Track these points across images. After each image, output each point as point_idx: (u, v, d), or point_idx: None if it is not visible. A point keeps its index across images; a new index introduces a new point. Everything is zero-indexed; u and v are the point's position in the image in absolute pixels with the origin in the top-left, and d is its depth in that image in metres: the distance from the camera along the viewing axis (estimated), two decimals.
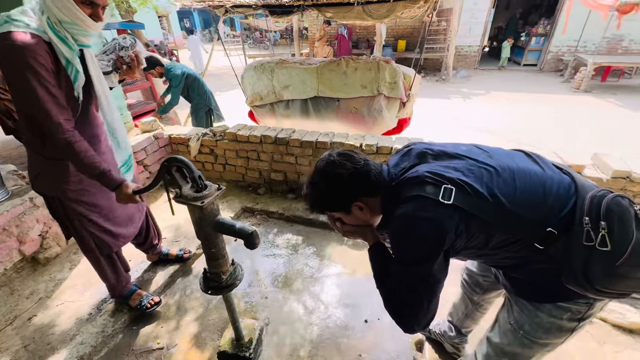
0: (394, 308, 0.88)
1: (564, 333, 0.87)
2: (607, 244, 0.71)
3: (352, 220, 0.96)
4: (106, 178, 1.23)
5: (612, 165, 1.91)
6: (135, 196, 1.29)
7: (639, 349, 1.55)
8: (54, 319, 1.72)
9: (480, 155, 0.87)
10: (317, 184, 0.92)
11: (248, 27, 18.35)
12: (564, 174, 0.84)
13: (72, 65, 1.15)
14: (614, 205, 0.73)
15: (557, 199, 0.78)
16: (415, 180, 0.82)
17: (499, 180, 0.79)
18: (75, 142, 1.14)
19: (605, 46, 8.77)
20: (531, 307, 0.88)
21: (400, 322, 0.87)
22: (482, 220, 0.77)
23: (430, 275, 0.80)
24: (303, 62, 3.28)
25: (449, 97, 7.43)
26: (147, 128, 2.82)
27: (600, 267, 0.72)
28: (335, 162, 0.89)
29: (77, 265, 2.07)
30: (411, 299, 0.83)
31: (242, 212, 2.66)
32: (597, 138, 4.79)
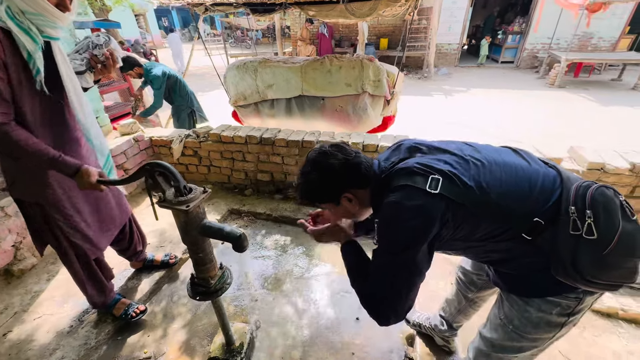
0: (372, 301, 0.89)
1: (553, 328, 0.88)
2: (594, 232, 0.72)
3: (341, 211, 0.98)
4: (60, 164, 1.16)
5: (587, 158, 1.99)
6: (99, 185, 1.22)
7: (616, 332, 1.62)
8: (32, 333, 1.63)
9: (468, 150, 0.89)
10: (308, 173, 0.92)
11: (229, 26, 18.05)
12: (550, 167, 0.86)
13: (33, 59, 1.08)
14: (599, 195, 0.75)
15: (542, 190, 0.79)
16: (404, 171, 0.84)
17: (486, 173, 0.81)
18: (11, 131, 1.06)
19: (576, 43, 9.16)
20: (521, 302, 0.89)
21: (376, 315, 0.88)
22: (469, 211, 0.79)
23: (414, 264, 0.81)
24: (287, 61, 3.25)
25: (431, 94, 7.57)
26: (126, 130, 2.72)
27: (588, 256, 0.73)
28: (327, 153, 0.91)
29: (55, 276, 1.98)
30: (391, 289, 0.84)
31: (228, 214, 2.61)
32: (572, 132, 5.00)
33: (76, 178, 1.20)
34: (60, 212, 1.33)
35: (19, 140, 1.08)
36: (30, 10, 1.03)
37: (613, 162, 1.94)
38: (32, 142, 1.11)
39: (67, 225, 1.36)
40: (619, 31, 8.88)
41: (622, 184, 1.96)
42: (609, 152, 2.05)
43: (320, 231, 1.07)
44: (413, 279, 0.83)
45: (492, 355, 1.01)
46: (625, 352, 1.53)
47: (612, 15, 8.53)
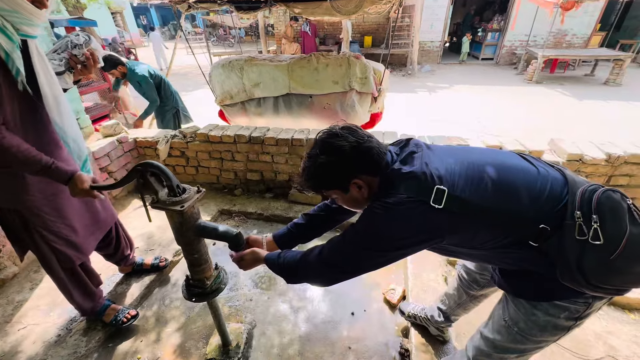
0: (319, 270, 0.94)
1: (560, 331, 0.86)
2: (600, 237, 0.71)
3: (348, 200, 0.93)
4: (53, 171, 1.12)
5: (566, 149, 2.08)
6: (92, 191, 1.19)
7: (597, 315, 1.70)
8: (16, 345, 1.56)
9: (473, 154, 0.87)
10: (316, 156, 0.86)
11: (211, 24, 17.70)
12: (556, 170, 0.85)
13: (12, 59, 1.03)
14: (605, 199, 0.74)
15: (550, 196, 0.78)
16: (410, 175, 0.80)
17: (493, 180, 0.79)
18: (2, 138, 1.02)
19: (552, 40, 9.52)
20: (528, 306, 0.87)
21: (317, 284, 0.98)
22: (474, 220, 0.78)
23: (380, 263, 0.85)
24: (273, 59, 3.22)
25: (415, 91, 7.70)
26: (109, 132, 2.64)
27: (594, 261, 0.72)
28: (338, 134, 0.85)
29: (39, 284, 1.90)
30: (347, 267, 0.89)
31: (219, 215, 2.58)
32: (551, 125, 5.20)
33: (69, 185, 1.16)
34: (41, 218, 1.27)
35: (10, 147, 1.04)
36: (5, 7, 0.98)
37: (590, 153, 2.04)
38: (24, 148, 1.06)
39: (49, 231, 1.31)
40: (590, 28, 9.28)
41: (599, 174, 2.06)
42: (586, 143, 2.15)
43: (238, 258, 1.12)
44: (373, 268, 0.87)
45: (493, 355, 1.00)
46: (605, 332, 1.61)
47: (584, 13, 8.90)
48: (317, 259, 0.94)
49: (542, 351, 1.43)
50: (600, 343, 1.56)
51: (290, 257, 1.01)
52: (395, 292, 1.80)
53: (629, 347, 1.54)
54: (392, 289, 1.82)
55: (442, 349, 1.50)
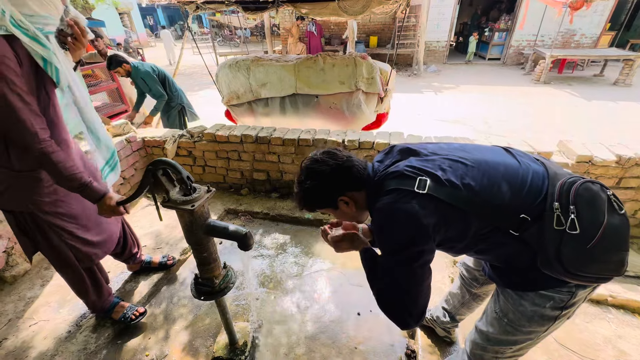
0: (386, 303, 0.91)
1: (547, 322, 0.89)
2: (577, 227, 0.75)
3: (340, 215, 1.01)
4: (88, 190, 1.15)
5: (576, 151, 2.06)
6: (119, 208, 1.22)
7: (606, 318, 1.69)
8: (28, 340, 1.59)
9: (458, 151, 0.92)
10: (303, 182, 0.95)
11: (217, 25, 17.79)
12: (539, 164, 0.88)
13: (51, 64, 1.05)
14: (583, 190, 0.77)
15: (531, 187, 0.82)
16: (394, 174, 0.87)
17: (475, 172, 0.84)
18: (52, 152, 1.05)
19: (560, 40, 9.40)
20: (515, 296, 0.91)
21: (393, 319, 0.89)
22: (458, 209, 0.81)
23: (415, 262, 0.83)
24: (279, 59, 3.24)
25: (421, 91, 7.66)
26: (118, 131, 2.67)
27: (571, 250, 0.75)
28: (318, 160, 0.94)
29: (50, 281, 1.93)
30: (399, 289, 0.86)
31: (225, 214, 2.60)
32: (559, 126, 5.14)
33: (99, 204, 1.18)
34: (55, 219, 1.29)
35: (59, 162, 1.06)
36: (42, 13, 1.01)
37: (600, 154, 2.01)
38: (69, 165, 1.09)
39: (64, 231, 1.33)
40: (600, 28, 9.15)
41: (609, 176, 2.03)
42: (596, 145, 2.12)
43: (338, 238, 1.08)
44: (417, 277, 0.85)
45: (487, 348, 1.03)
46: (614, 336, 1.59)
47: (593, 12, 8.78)
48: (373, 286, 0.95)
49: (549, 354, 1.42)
50: (610, 347, 1.54)
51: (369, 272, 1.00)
52: None
53: (638, 351, 1.52)
54: None
55: (448, 350, 1.50)
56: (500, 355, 1.03)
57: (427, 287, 0.87)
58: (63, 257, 1.38)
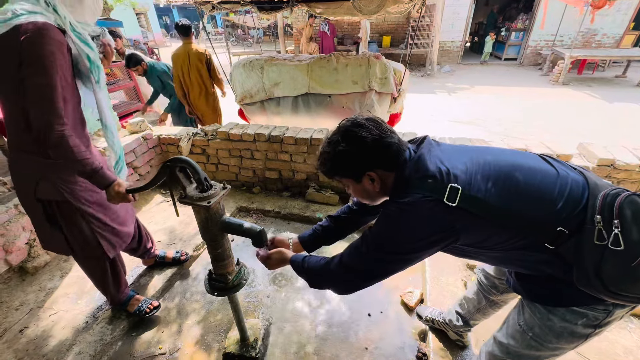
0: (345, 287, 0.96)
1: (577, 339, 0.83)
2: (621, 243, 0.68)
3: (359, 191, 0.93)
4: (99, 176, 1.18)
5: (597, 154, 1.99)
6: (128, 195, 1.24)
7: (627, 328, 1.64)
8: (48, 329, 1.65)
9: (490, 154, 0.85)
10: (336, 142, 0.86)
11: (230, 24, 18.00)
12: (578, 173, 0.82)
13: (95, 64, 1.19)
14: (628, 204, 0.71)
15: (569, 198, 0.76)
16: (426, 173, 0.80)
17: (509, 180, 0.78)
18: (69, 136, 1.10)
19: (580, 40, 9.11)
20: (543, 310, 0.85)
21: (338, 289, 0.98)
22: (488, 221, 0.76)
23: (398, 266, 0.84)
24: (292, 58, 3.25)
25: (435, 91, 7.56)
26: (135, 129, 2.73)
27: (613, 268, 0.69)
28: (362, 125, 0.85)
29: (69, 272, 2.00)
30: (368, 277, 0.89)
31: (237, 212, 2.63)
32: (578, 129, 4.98)
33: (108, 190, 1.22)
34: (88, 206, 1.34)
35: (73, 147, 1.11)
36: (90, 22, 1.20)
37: (623, 158, 1.94)
38: (82, 149, 1.14)
39: (95, 219, 1.37)
40: (623, 27, 8.82)
41: (632, 180, 1.96)
42: (618, 148, 2.05)
43: (265, 257, 1.13)
44: (395, 271, 0.86)
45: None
46: (636, 347, 1.53)
47: (616, 11, 8.48)
48: (338, 265, 0.94)
49: None
50: (631, 358, 1.48)
51: (313, 262, 1.02)
52: (413, 295, 1.78)
53: None
54: (409, 291, 1.80)
55: (461, 354, 1.47)
56: None
57: None
58: (91, 247, 1.41)
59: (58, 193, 1.26)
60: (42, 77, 1.03)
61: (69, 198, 1.28)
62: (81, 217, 1.34)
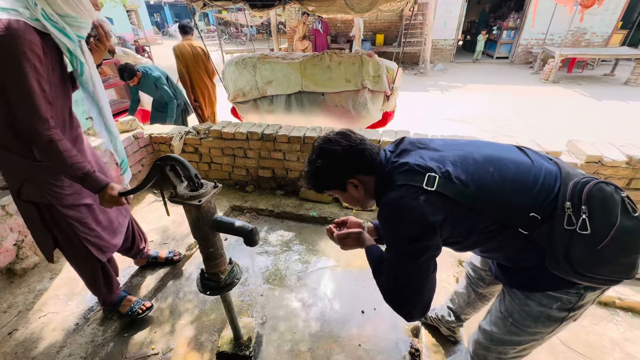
0: (391, 298, 0.91)
1: (553, 323, 0.88)
2: (587, 228, 0.73)
3: (348, 198, 1.00)
4: (91, 179, 1.16)
5: (585, 151, 2.03)
6: (121, 198, 1.23)
7: (613, 321, 1.67)
8: (37, 332, 1.63)
9: (469, 147, 0.90)
10: (314, 160, 0.94)
11: (223, 22, 17.84)
12: (552, 162, 0.87)
13: (76, 57, 1.11)
14: (596, 191, 0.75)
15: (542, 187, 0.80)
16: (404, 167, 0.86)
17: (485, 169, 0.82)
18: (58, 140, 1.07)
19: (570, 39, 9.24)
20: (522, 296, 0.90)
21: (399, 312, 0.90)
22: (466, 206, 0.80)
23: (416, 260, 0.83)
24: (285, 56, 3.24)
25: (428, 90, 7.60)
26: (125, 128, 2.70)
27: (580, 251, 0.74)
28: (331, 140, 0.93)
29: (59, 274, 1.97)
30: (405, 284, 0.86)
31: (230, 211, 2.61)
32: (567, 126, 5.07)
33: (100, 194, 1.20)
34: (73, 211, 1.32)
35: (63, 151, 1.08)
36: (69, 13, 1.06)
37: (610, 155, 1.98)
38: (73, 153, 1.11)
39: (81, 224, 1.35)
40: (611, 26, 8.98)
41: (619, 177, 2.00)
42: (606, 145, 2.09)
43: (343, 235, 1.09)
44: (422, 271, 0.85)
45: (491, 348, 1.02)
46: (622, 339, 1.57)
47: (605, 10, 8.62)
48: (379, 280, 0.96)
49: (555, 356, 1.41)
50: (617, 350, 1.52)
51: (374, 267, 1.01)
52: None
53: None
54: None
55: (453, 349, 1.49)
56: (504, 355, 1.02)
57: (432, 281, 0.87)
58: (79, 251, 1.40)
59: (41, 196, 1.23)
60: (16, 80, 0.98)
61: (52, 202, 1.25)
62: (66, 223, 1.32)
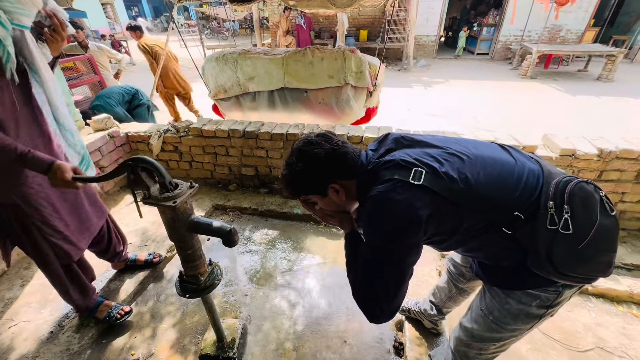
0: (360, 295, 0.87)
1: (532, 320, 0.90)
2: (570, 227, 0.74)
3: (328, 204, 0.95)
4: (30, 160, 1.09)
5: (559, 145, 2.09)
6: (74, 182, 1.15)
7: (586, 307, 1.75)
8: (8, 342, 1.54)
9: (454, 144, 0.89)
10: (293, 164, 0.89)
11: (205, 17, 17.39)
12: (534, 162, 0.87)
13: (4, 46, 1.01)
14: (578, 190, 0.76)
15: (526, 186, 0.80)
16: (389, 163, 0.83)
17: (471, 167, 0.82)
18: None
19: (546, 35, 9.54)
20: (502, 295, 0.91)
21: (365, 310, 0.86)
22: (452, 203, 0.79)
23: (399, 259, 0.81)
24: (267, 52, 3.18)
25: (411, 85, 7.68)
26: (100, 126, 2.59)
27: (563, 250, 0.75)
28: (313, 142, 0.89)
29: (30, 281, 1.87)
30: (377, 285, 0.82)
31: (213, 210, 2.56)
32: (544, 120, 5.24)
33: (49, 175, 1.13)
34: (39, 212, 1.25)
35: None
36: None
37: (583, 148, 2.05)
38: (0, 136, 1.03)
39: (47, 226, 1.29)
40: (584, 24, 9.31)
41: (591, 169, 2.08)
42: (579, 139, 2.17)
43: (329, 212, 1.00)
44: (399, 274, 0.82)
45: (472, 344, 1.03)
46: (594, 324, 1.65)
47: (578, 8, 8.93)
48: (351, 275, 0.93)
49: (533, 343, 1.46)
50: (590, 334, 1.59)
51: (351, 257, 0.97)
52: None
53: (617, 338, 1.57)
54: None
55: (435, 341, 1.52)
56: (484, 352, 1.04)
57: (405, 288, 0.84)
58: (43, 255, 1.33)
59: (6, 196, 1.17)
60: None
61: (18, 202, 1.19)
62: (32, 224, 1.26)
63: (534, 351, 1.51)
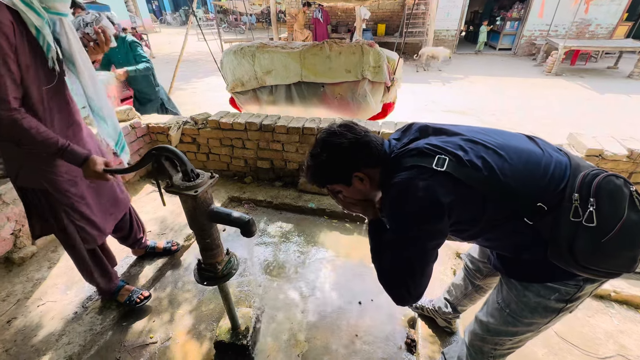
0: (387, 280, 0.90)
1: (550, 313, 0.88)
2: (594, 220, 0.72)
3: (353, 192, 0.97)
4: (68, 153, 1.15)
5: (586, 144, 2.01)
6: (105, 174, 1.21)
7: (608, 313, 1.69)
8: (36, 320, 1.64)
9: (480, 134, 0.88)
10: (318, 154, 0.91)
11: (222, 10, 17.50)
12: (562, 154, 0.85)
13: (43, 35, 1.05)
14: (605, 184, 0.74)
15: (552, 177, 0.79)
16: (414, 151, 0.84)
17: (496, 156, 0.81)
18: (22, 119, 1.04)
19: (574, 30, 9.10)
20: (520, 287, 0.89)
21: (392, 294, 0.89)
22: (476, 191, 0.78)
23: (422, 245, 0.82)
24: (285, 46, 3.18)
25: (429, 81, 7.52)
26: (122, 117, 2.66)
27: (584, 243, 0.73)
28: (336, 132, 0.90)
29: (57, 263, 1.97)
30: (402, 269, 0.85)
31: (229, 202, 2.61)
32: (569, 119, 5.03)
33: (83, 167, 1.19)
34: (68, 198, 1.31)
35: (30, 128, 1.05)
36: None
37: (611, 148, 1.96)
38: (42, 130, 1.09)
39: (75, 211, 1.35)
40: (616, 18, 8.83)
41: (620, 170, 1.99)
42: (607, 138, 2.07)
43: (353, 201, 1.01)
44: (424, 258, 0.84)
45: (487, 339, 1.02)
46: (616, 331, 1.59)
47: (611, 1, 8.48)
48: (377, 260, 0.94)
49: (550, 347, 1.42)
50: (611, 342, 1.54)
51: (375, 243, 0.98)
52: None
53: None
54: None
55: (449, 340, 1.51)
56: (499, 346, 1.03)
57: (431, 270, 0.86)
58: (71, 238, 1.40)
59: (37, 182, 1.23)
60: None
61: (48, 187, 1.25)
62: (61, 207, 1.32)
63: (550, 355, 1.47)
